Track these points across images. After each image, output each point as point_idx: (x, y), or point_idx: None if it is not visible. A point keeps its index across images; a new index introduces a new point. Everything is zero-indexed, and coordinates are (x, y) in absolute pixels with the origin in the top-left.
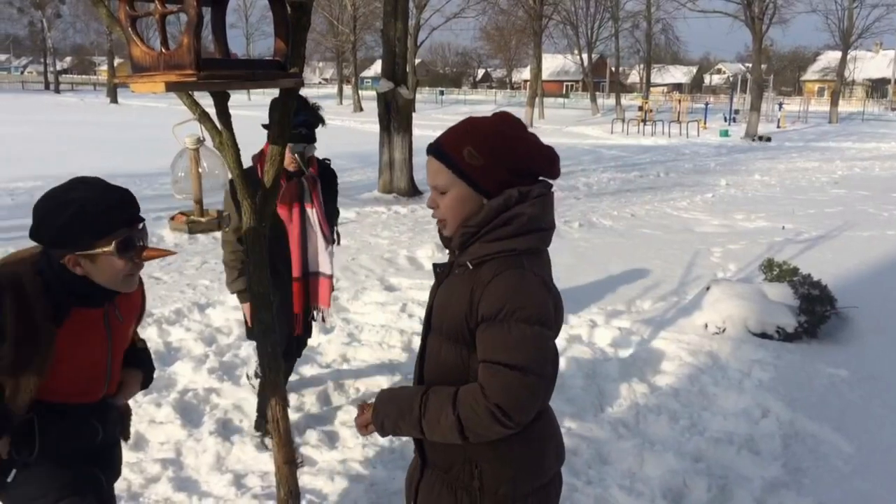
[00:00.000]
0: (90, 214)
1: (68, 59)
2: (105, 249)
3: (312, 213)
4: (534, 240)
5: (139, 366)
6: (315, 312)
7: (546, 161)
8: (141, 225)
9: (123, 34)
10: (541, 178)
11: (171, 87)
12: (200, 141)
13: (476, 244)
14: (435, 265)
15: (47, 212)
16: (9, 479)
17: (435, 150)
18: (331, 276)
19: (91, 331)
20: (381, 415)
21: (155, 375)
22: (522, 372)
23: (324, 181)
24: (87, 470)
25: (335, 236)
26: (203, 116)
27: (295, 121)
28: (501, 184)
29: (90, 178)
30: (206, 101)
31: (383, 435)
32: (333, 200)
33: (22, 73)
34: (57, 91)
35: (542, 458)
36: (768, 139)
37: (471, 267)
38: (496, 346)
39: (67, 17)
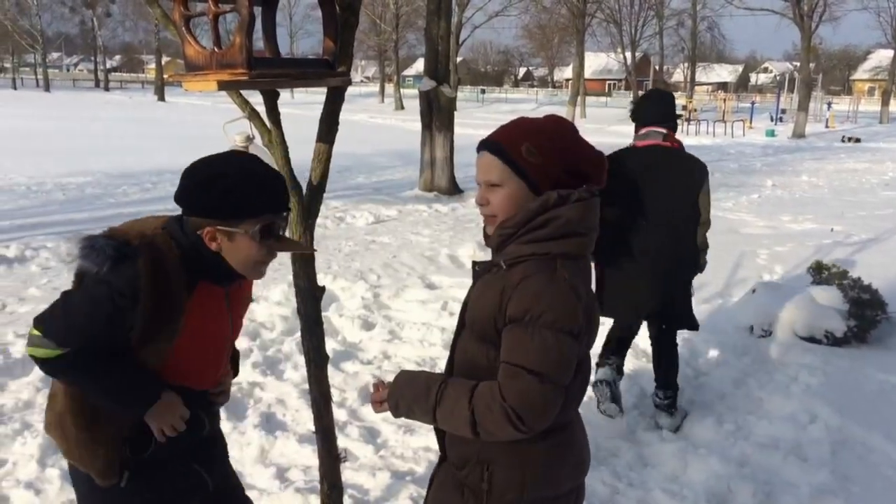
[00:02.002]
0: (244, 191)
1: (117, 57)
2: (248, 230)
3: None
4: (570, 244)
5: (233, 364)
6: None
7: (597, 166)
8: (285, 214)
9: (177, 34)
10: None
11: (223, 85)
12: (250, 138)
13: (512, 245)
14: (475, 263)
15: (202, 178)
16: (122, 484)
17: (491, 145)
18: None
19: (214, 309)
20: (396, 395)
21: None
22: (540, 378)
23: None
24: (191, 472)
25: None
26: (253, 114)
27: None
28: (555, 184)
29: (247, 153)
30: (255, 99)
31: (396, 415)
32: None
33: (69, 70)
34: (106, 89)
35: (559, 470)
36: (857, 140)
37: (504, 267)
38: (518, 348)
39: (117, 16)
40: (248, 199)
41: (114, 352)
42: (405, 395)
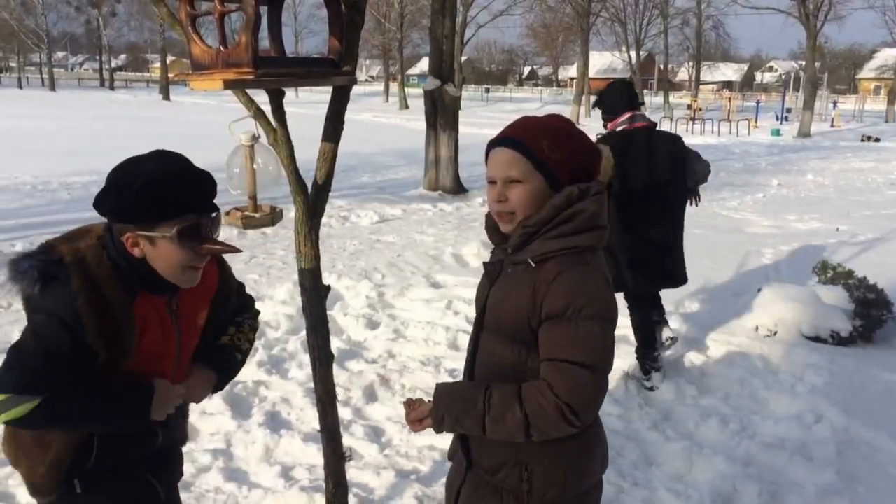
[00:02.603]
0: (159, 191)
1: (122, 56)
2: (166, 234)
3: None
4: (594, 237)
5: (213, 364)
6: None
7: (597, 161)
8: (214, 214)
9: (183, 33)
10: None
11: (229, 84)
12: (255, 138)
13: (537, 242)
14: (486, 263)
15: (117, 181)
16: (78, 490)
17: (511, 141)
18: None
19: (157, 319)
20: (440, 410)
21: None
22: (591, 370)
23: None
24: (144, 483)
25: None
26: (258, 114)
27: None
28: (571, 179)
29: (172, 152)
30: (260, 99)
31: (439, 431)
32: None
33: (72, 69)
34: (111, 88)
35: (591, 463)
36: (877, 139)
37: (533, 264)
38: (564, 343)
39: (122, 16)
40: (160, 201)
41: (84, 380)
42: (451, 408)
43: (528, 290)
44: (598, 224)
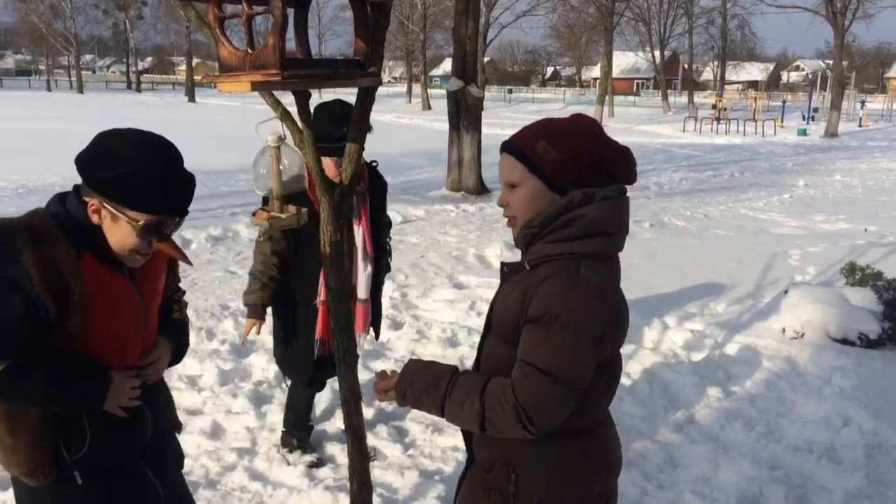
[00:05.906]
0: (142, 187)
1: (149, 59)
2: (132, 221)
3: (358, 232)
4: (596, 244)
5: (171, 337)
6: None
7: (623, 162)
8: (178, 219)
9: (211, 35)
10: (616, 182)
11: (256, 86)
12: (282, 139)
13: (537, 245)
14: (503, 264)
15: (106, 153)
16: (79, 482)
17: (509, 145)
18: (367, 301)
19: (107, 279)
20: (405, 384)
21: (230, 368)
22: (554, 379)
23: (373, 192)
24: (142, 478)
25: (384, 253)
26: (285, 115)
27: (338, 133)
28: (578, 181)
29: (171, 148)
30: (286, 100)
31: (402, 404)
32: (382, 210)
33: (94, 72)
34: (138, 90)
35: (587, 473)
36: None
37: (527, 268)
38: (534, 348)
39: (149, 19)
40: (143, 196)
41: (43, 349)
42: (415, 383)
43: (521, 292)
44: (599, 231)
